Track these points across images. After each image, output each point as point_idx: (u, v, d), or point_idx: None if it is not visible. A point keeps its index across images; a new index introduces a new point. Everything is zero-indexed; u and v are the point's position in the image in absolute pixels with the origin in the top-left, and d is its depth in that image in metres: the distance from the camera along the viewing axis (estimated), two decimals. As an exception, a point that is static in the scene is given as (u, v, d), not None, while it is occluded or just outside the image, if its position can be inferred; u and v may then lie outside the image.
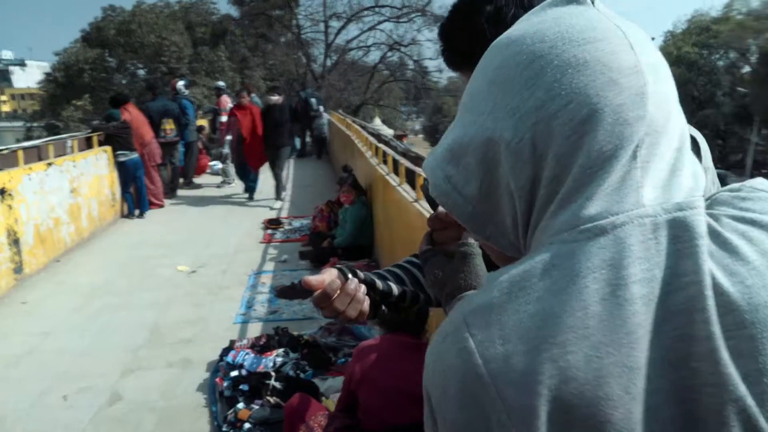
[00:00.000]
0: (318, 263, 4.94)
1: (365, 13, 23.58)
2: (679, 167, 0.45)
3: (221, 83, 8.10)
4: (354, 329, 3.21)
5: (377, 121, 18.41)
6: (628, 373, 0.40)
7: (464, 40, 0.85)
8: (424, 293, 0.99)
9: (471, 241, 0.75)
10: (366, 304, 0.85)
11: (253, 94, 10.58)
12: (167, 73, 17.80)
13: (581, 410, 0.39)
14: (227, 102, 8.34)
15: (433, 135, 40.25)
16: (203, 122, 10.60)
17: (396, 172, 3.90)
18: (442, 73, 26.39)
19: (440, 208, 0.79)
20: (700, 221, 0.43)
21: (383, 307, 0.95)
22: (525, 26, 0.49)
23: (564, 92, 0.44)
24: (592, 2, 0.49)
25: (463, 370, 0.42)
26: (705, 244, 0.42)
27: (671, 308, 0.41)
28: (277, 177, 7.54)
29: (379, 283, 0.91)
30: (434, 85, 29.27)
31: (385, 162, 4.61)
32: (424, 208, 2.90)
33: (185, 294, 4.44)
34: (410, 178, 3.49)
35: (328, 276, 0.86)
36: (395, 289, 0.93)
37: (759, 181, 0.50)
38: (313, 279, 0.84)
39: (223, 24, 21.82)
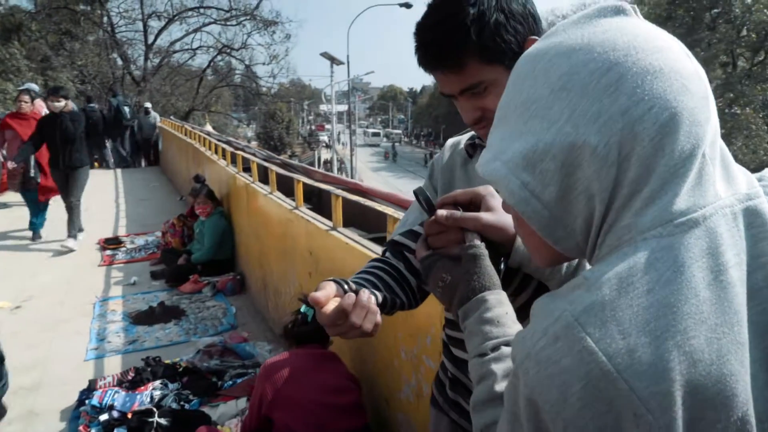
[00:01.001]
0: (175, 282, 4.55)
1: (189, 13, 22.25)
2: (727, 162, 0.52)
3: (33, 85, 6.92)
4: (237, 348, 3.01)
5: (208, 128, 17.46)
6: (741, 348, 0.44)
7: (446, 39, 0.86)
8: (398, 297, 0.98)
9: (477, 242, 0.76)
10: (379, 315, 0.81)
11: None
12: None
13: (710, 389, 0.43)
14: (42, 107, 7.19)
15: (267, 142, 39.41)
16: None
17: (263, 179, 3.76)
18: (275, 79, 26.06)
19: (440, 212, 0.78)
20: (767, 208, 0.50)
21: None
22: (582, 34, 0.52)
23: (647, 97, 0.47)
24: (636, 13, 0.54)
25: (587, 370, 0.43)
26: None
27: (754, 286, 0.47)
28: (72, 208, 5.68)
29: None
30: (267, 91, 28.77)
31: (246, 170, 4.42)
32: (307, 215, 2.84)
33: (12, 334, 3.72)
34: (284, 184, 3.40)
35: (331, 290, 0.81)
36: (379, 296, 0.90)
37: None
38: (321, 295, 0.77)
39: (15, 17, 18.76)
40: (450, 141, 1.13)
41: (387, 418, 2.06)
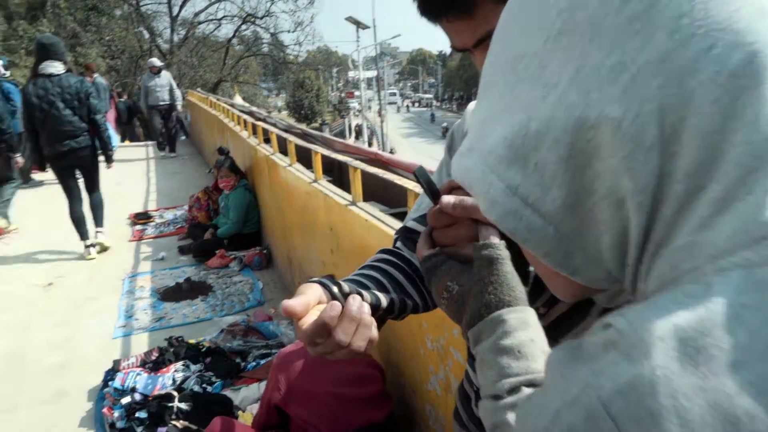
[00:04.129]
0: (202, 257, 4.52)
1: (212, -18, 21.98)
2: None
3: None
4: (261, 327, 2.93)
5: (238, 99, 17.41)
6: None
7: None
8: (410, 299, 0.81)
9: (495, 240, 0.57)
10: (375, 328, 0.65)
11: (96, 75, 9.35)
12: (-23, 53, 15.02)
13: None
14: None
15: (298, 111, 39.31)
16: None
17: (284, 151, 3.62)
18: (301, 47, 25.72)
19: (446, 199, 0.60)
20: None
21: None
22: None
23: (701, 30, 0.28)
24: None
25: None
26: None
27: None
28: None
29: (366, 295, 0.70)
30: (294, 59, 28.44)
31: (267, 141, 4.28)
32: (326, 188, 2.69)
33: (43, 313, 3.77)
34: (303, 156, 3.24)
35: (312, 295, 0.64)
36: (383, 299, 0.73)
37: None
38: (297, 303, 0.61)
39: (42, -6, 18.87)
40: (473, 104, 0.94)
41: (414, 409, 1.93)
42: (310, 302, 0.62)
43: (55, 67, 4.23)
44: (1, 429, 2.52)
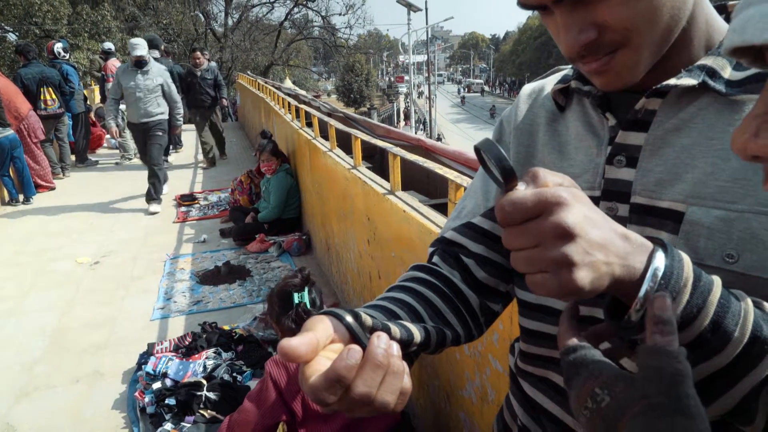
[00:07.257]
0: (242, 241, 4.50)
1: (265, -35, 22.13)
2: None
3: (108, 45, 7.05)
4: (294, 316, 2.84)
5: (288, 83, 17.52)
6: None
7: None
8: (450, 329, 0.65)
9: (674, 346, 0.40)
10: (407, 377, 0.49)
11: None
12: (43, 36, 15.71)
13: None
14: (116, 67, 7.36)
15: (347, 95, 39.36)
16: (96, 90, 9.40)
17: (326, 135, 3.50)
18: (351, 30, 25.62)
19: (523, 184, 0.44)
20: None
21: None
22: None
23: None
24: None
25: None
26: None
27: None
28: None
29: (395, 329, 0.55)
30: (344, 42, 28.37)
31: (309, 124, 4.18)
32: (365, 176, 2.55)
33: (89, 290, 3.84)
34: (346, 141, 3.11)
35: (323, 331, 0.48)
36: (417, 333, 0.58)
37: None
38: (300, 342, 0.46)
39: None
40: (528, 88, 0.75)
41: (447, 415, 1.79)
42: (319, 341, 0.47)
43: (155, 54, 6.54)
44: (37, 406, 2.55)
